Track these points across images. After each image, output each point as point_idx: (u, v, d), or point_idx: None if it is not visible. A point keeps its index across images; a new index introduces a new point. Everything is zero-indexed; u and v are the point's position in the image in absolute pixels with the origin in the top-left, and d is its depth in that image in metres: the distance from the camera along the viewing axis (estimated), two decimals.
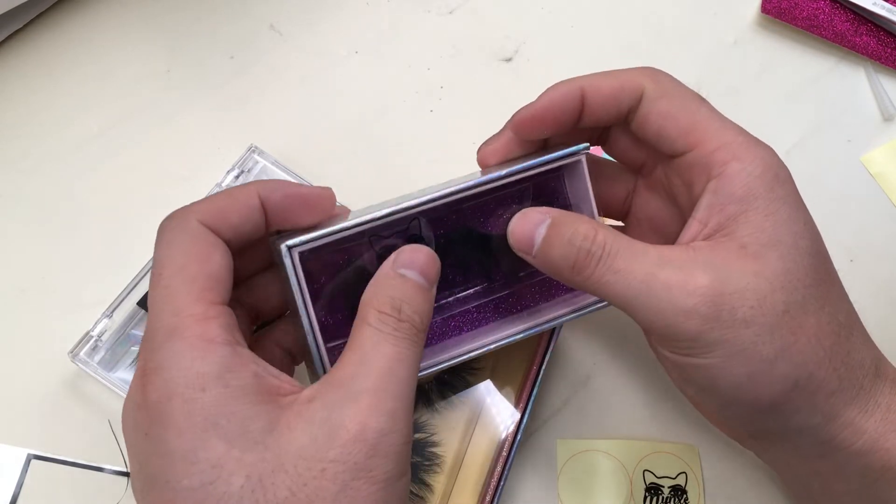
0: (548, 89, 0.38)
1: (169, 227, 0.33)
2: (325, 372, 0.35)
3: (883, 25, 0.53)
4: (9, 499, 0.40)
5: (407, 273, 0.33)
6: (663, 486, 0.43)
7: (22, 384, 0.43)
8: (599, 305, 0.39)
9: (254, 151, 0.46)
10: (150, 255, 0.43)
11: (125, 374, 0.42)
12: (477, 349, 0.38)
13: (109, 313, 0.42)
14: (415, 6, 0.53)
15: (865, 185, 0.51)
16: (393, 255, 0.34)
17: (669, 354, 0.34)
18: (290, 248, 0.35)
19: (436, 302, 0.37)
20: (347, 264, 0.38)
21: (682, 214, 0.38)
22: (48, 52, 0.50)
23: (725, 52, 0.53)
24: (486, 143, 0.39)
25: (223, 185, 0.45)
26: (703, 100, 0.37)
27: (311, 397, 0.29)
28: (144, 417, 0.29)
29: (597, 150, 0.41)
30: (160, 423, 0.28)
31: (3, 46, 0.50)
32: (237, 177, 0.46)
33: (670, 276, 0.32)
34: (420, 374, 0.35)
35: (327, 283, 0.37)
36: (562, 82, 0.38)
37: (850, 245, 0.49)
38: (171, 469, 0.28)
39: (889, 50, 0.53)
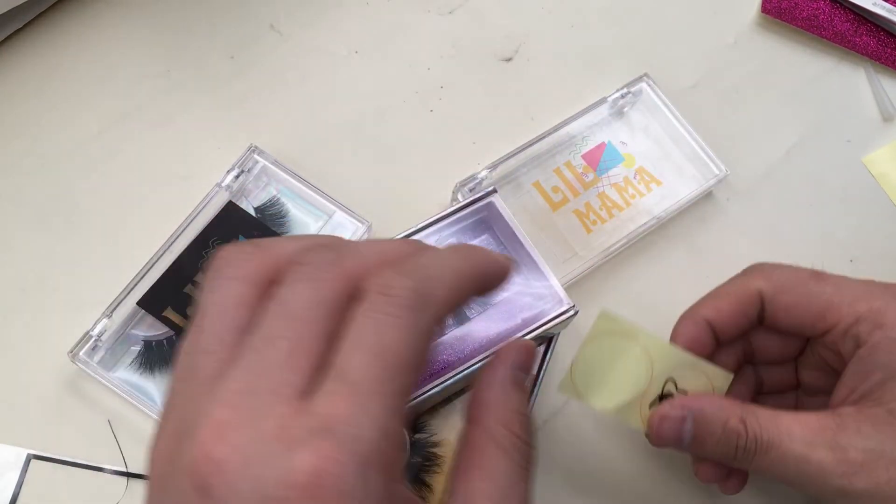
0: (676, 326, 0.39)
1: (403, 309, 0.27)
2: None
3: (883, 25, 0.53)
4: (9, 499, 0.40)
5: (522, 378, 0.31)
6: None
7: (22, 384, 0.43)
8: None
9: (254, 151, 0.46)
10: (150, 254, 0.44)
11: (125, 374, 0.42)
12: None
13: (109, 313, 0.42)
14: (415, 6, 0.53)
15: (866, 186, 0.51)
16: (504, 353, 0.31)
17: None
18: None
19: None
20: None
21: (825, 363, 0.39)
22: (48, 52, 0.50)
23: (725, 52, 0.53)
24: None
25: (223, 184, 0.45)
26: (820, 276, 0.38)
27: None
28: None
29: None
30: None
31: (3, 46, 0.50)
32: (237, 177, 0.46)
33: (823, 458, 0.34)
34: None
35: None
36: (685, 317, 0.39)
37: (849, 245, 0.49)
38: None
39: (889, 50, 0.53)
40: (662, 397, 0.39)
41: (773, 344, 0.40)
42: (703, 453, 0.36)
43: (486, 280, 0.30)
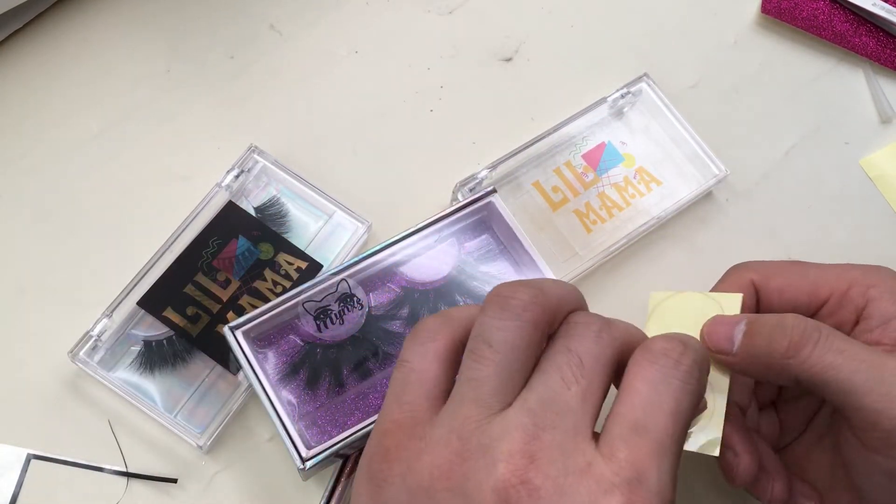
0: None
1: (690, 374, 0.31)
2: (297, 451, 0.38)
3: (882, 26, 0.53)
4: (9, 499, 0.40)
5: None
6: None
7: (22, 384, 0.43)
8: None
9: (254, 151, 0.46)
10: (150, 254, 0.44)
11: (125, 374, 0.42)
12: None
13: (109, 313, 0.42)
14: (415, 6, 0.53)
15: (863, 188, 0.51)
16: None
17: (882, 459, 0.33)
18: (231, 329, 0.39)
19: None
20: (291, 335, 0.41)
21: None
22: (48, 52, 0.50)
23: (725, 52, 0.53)
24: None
25: (223, 184, 0.45)
26: (801, 261, 0.39)
27: None
28: None
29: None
30: None
31: (3, 46, 0.50)
32: (237, 177, 0.46)
33: (874, 380, 0.32)
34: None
35: (282, 361, 0.41)
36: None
37: (847, 246, 0.49)
38: None
39: (888, 51, 0.53)
40: None
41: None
42: (755, 351, 0.34)
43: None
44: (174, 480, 0.41)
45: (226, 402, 0.42)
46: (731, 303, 0.37)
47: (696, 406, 0.30)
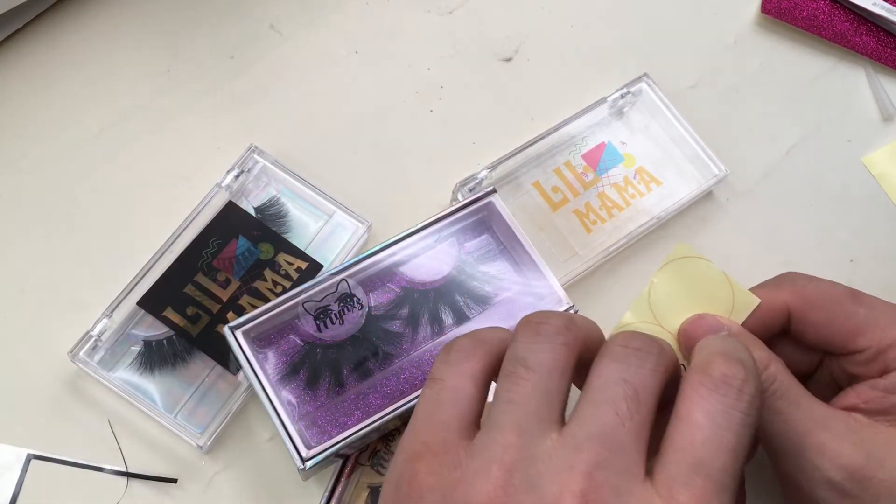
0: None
1: (752, 408, 0.29)
2: (297, 451, 0.38)
3: (883, 25, 0.53)
4: (9, 499, 0.40)
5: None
6: None
7: (22, 384, 0.43)
8: None
9: (254, 151, 0.46)
10: (150, 254, 0.44)
11: (125, 374, 0.42)
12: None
13: (109, 313, 0.42)
14: (415, 6, 0.53)
15: (865, 186, 0.51)
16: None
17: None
18: (231, 328, 0.39)
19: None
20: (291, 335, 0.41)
21: (832, 377, 0.38)
22: (48, 52, 0.50)
23: (725, 52, 0.53)
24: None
25: (223, 184, 0.45)
26: (856, 295, 0.37)
27: None
28: None
29: None
30: None
31: (3, 46, 0.50)
32: (237, 177, 0.46)
33: (826, 441, 0.33)
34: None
35: (282, 361, 0.41)
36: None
37: (849, 245, 0.49)
38: None
39: (889, 50, 0.53)
40: None
41: (791, 354, 0.39)
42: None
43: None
44: (174, 480, 0.41)
45: (226, 402, 0.42)
46: (745, 304, 0.36)
47: (753, 437, 0.29)
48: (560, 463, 0.26)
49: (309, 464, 0.38)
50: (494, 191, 0.44)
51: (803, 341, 0.38)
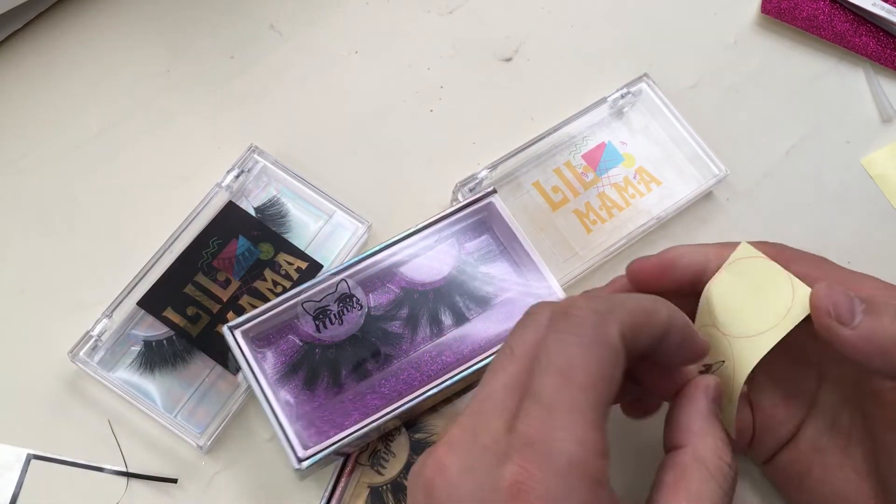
0: (670, 249, 0.37)
1: (582, 327, 0.30)
2: (293, 451, 0.38)
3: (882, 26, 0.53)
4: (9, 499, 0.40)
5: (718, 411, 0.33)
6: None
7: (22, 384, 0.43)
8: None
9: (254, 151, 0.46)
10: (150, 254, 0.44)
11: (125, 374, 0.42)
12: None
13: (109, 313, 0.42)
14: (415, 6, 0.53)
15: (864, 187, 0.51)
16: (702, 386, 0.33)
17: None
18: (230, 328, 0.39)
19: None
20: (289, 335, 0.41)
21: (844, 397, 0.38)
22: (48, 52, 0.50)
23: (725, 52, 0.53)
24: (602, 288, 0.39)
25: (223, 184, 0.45)
26: (826, 260, 0.37)
27: None
28: None
29: None
30: None
31: (3, 46, 0.50)
32: (237, 177, 0.46)
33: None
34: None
35: (280, 361, 0.41)
36: (687, 247, 0.37)
37: (847, 246, 0.49)
38: None
39: (888, 51, 0.53)
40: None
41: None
42: (877, 330, 0.32)
43: (670, 327, 0.32)
44: (174, 480, 0.41)
45: (226, 402, 0.42)
46: (804, 295, 0.35)
47: (606, 357, 0.29)
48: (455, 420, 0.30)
49: (305, 464, 0.38)
50: (494, 191, 0.44)
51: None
